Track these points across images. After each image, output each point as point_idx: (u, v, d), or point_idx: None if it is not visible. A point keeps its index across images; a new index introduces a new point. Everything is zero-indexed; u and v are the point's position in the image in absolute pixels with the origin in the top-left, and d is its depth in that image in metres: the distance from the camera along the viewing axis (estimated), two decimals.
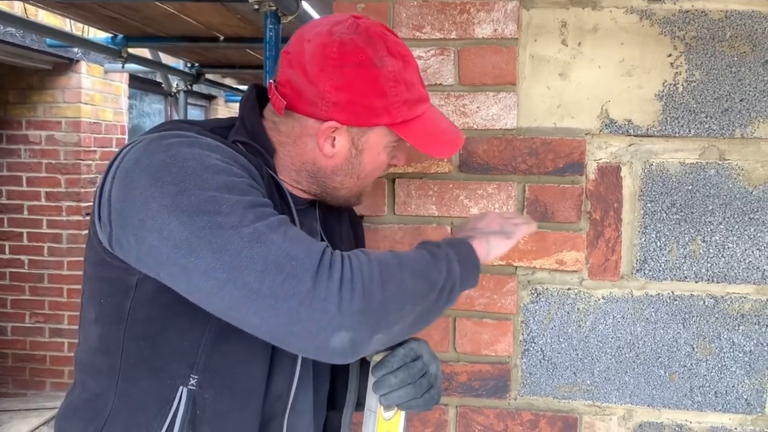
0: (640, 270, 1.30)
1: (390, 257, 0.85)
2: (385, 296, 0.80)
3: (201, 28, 3.47)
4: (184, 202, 0.78)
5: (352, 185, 1.02)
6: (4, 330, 4.67)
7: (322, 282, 0.76)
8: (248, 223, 0.77)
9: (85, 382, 0.95)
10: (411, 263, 0.86)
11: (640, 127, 1.29)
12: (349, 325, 0.77)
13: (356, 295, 0.77)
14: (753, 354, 1.27)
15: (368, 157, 0.99)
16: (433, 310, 0.89)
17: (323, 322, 0.76)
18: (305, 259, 0.77)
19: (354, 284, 0.77)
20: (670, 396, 1.30)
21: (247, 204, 0.79)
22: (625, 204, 1.29)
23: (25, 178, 4.62)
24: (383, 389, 0.94)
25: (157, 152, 0.82)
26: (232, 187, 0.80)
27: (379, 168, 1.03)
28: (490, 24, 1.30)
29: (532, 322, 1.33)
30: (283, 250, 0.77)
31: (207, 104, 7.41)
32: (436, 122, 1.01)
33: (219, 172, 0.81)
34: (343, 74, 0.91)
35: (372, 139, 0.97)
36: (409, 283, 0.83)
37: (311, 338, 0.76)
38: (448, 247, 0.93)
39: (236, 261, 0.76)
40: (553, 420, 1.32)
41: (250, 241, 0.76)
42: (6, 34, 3.86)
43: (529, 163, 1.31)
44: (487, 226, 1.05)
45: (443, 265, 0.89)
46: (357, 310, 0.77)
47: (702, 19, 1.26)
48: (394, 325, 0.82)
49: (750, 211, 1.26)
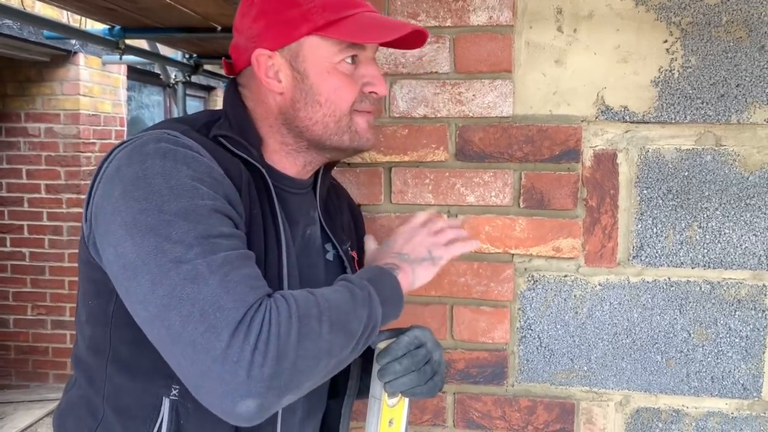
0: (636, 256, 1.30)
1: (312, 305, 0.81)
2: (299, 356, 0.77)
3: (198, 18, 3.46)
4: (142, 221, 0.78)
5: (323, 117, 0.95)
6: (6, 322, 4.69)
7: (237, 342, 0.74)
8: (190, 258, 0.76)
9: (79, 378, 0.96)
10: (331, 313, 0.82)
11: (636, 113, 1.28)
12: (257, 392, 0.75)
13: (268, 359, 0.75)
14: (749, 339, 1.28)
15: (317, 78, 0.94)
16: (349, 358, 0.87)
17: (231, 386, 0.74)
18: (230, 311, 0.75)
19: (268, 347, 0.75)
20: (667, 381, 1.30)
21: (199, 234, 0.78)
22: (622, 191, 1.30)
23: (25, 170, 4.62)
24: (388, 376, 0.95)
25: (135, 162, 0.82)
26: (191, 212, 0.79)
27: (342, 90, 0.95)
28: (485, 11, 1.30)
29: (529, 309, 1.33)
30: (213, 297, 0.75)
31: (206, 95, 7.40)
32: (375, 19, 0.94)
33: (182, 194, 0.80)
34: (254, 5, 0.95)
35: (309, 56, 0.93)
36: (327, 339, 0.81)
37: (218, 400, 0.75)
38: (372, 285, 0.90)
39: (167, 298, 0.75)
40: (551, 406, 1.33)
41: (185, 279, 0.75)
42: (3, 27, 3.84)
43: (525, 151, 1.31)
44: (414, 251, 1.00)
45: (365, 311, 0.86)
46: (267, 375, 0.75)
47: (698, 5, 1.26)
48: (305, 383, 0.80)
49: (746, 196, 1.26)
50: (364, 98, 0.97)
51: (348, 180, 1.35)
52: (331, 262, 1.08)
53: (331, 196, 1.13)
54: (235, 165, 0.90)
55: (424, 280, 1.00)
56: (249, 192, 0.91)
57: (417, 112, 1.33)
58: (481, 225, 1.33)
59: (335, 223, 1.10)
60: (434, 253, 1.01)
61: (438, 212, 1.09)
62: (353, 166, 1.36)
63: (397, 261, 0.99)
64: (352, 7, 0.94)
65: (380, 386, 0.97)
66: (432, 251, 1.01)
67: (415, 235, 1.03)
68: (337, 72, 0.94)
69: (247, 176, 0.92)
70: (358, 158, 1.35)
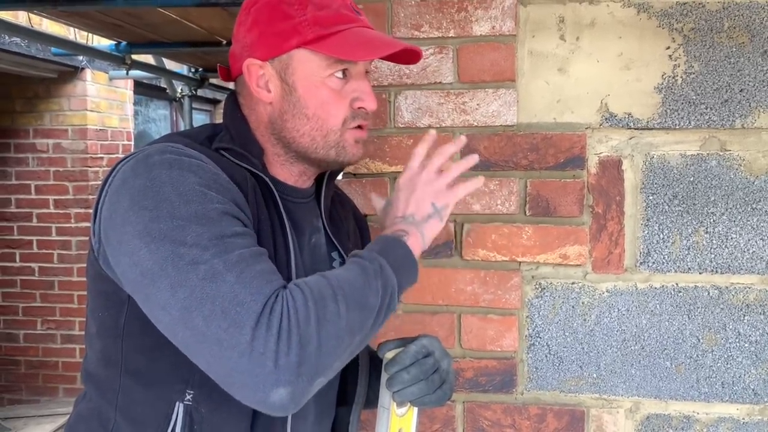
0: (643, 262, 1.30)
1: (325, 287, 0.82)
2: (322, 338, 0.79)
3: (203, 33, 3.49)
4: (155, 229, 0.79)
5: (310, 130, 0.96)
6: (16, 337, 4.71)
7: (261, 334, 0.76)
8: (207, 259, 0.77)
9: (90, 392, 0.97)
10: (346, 291, 0.83)
11: (640, 120, 1.29)
12: (287, 380, 0.76)
13: (293, 347, 0.76)
14: (759, 344, 1.27)
15: (305, 91, 0.94)
16: (372, 331, 0.87)
17: (261, 377, 0.76)
18: (250, 305, 0.77)
19: (291, 335, 0.76)
20: (677, 387, 1.30)
21: (213, 235, 0.79)
22: (627, 197, 1.30)
23: (34, 186, 4.65)
24: (396, 386, 0.95)
25: (141, 174, 0.83)
26: (202, 216, 0.80)
27: (329, 105, 0.95)
28: (488, 21, 1.31)
29: (537, 317, 1.33)
30: (232, 293, 0.77)
31: (212, 108, 7.44)
32: (366, 35, 0.94)
33: (192, 199, 0.81)
34: (250, 15, 0.96)
35: (298, 69, 0.94)
36: (346, 316, 0.81)
37: (251, 392, 0.77)
38: (382, 256, 0.90)
39: (188, 300, 0.76)
40: (561, 414, 1.33)
41: (203, 279, 0.77)
42: (11, 44, 3.89)
43: (530, 159, 1.31)
44: (418, 209, 0.97)
45: (379, 283, 0.86)
46: (294, 363, 0.76)
47: (700, 11, 1.27)
48: (334, 363, 0.81)
49: (752, 201, 1.26)
50: (355, 115, 0.97)
51: (354, 190, 1.36)
52: None
53: (336, 205, 1.14)
54: (240, 172, 0.92)
55: (434, 235, 0.98)
56: (255, 198, 0.92)
57: (422, 122, 1.34)
58: (487, 233, 1.33)
59: (340, 231, 1.11)
60: (438, 204, 0.97)
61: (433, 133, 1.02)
62: (359, 177, 1.37)
63: (403, 225, 0.96)
64: (344, 22, 0.94)
65: (389, 395, 0.97)
66: (436, 203, 0.97)
67: (416, 187, 0.98)
68: (325, 87, 0.95)
69: (253, 182, 0.93)
70: (364, 168, 1.36)
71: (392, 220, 0.98)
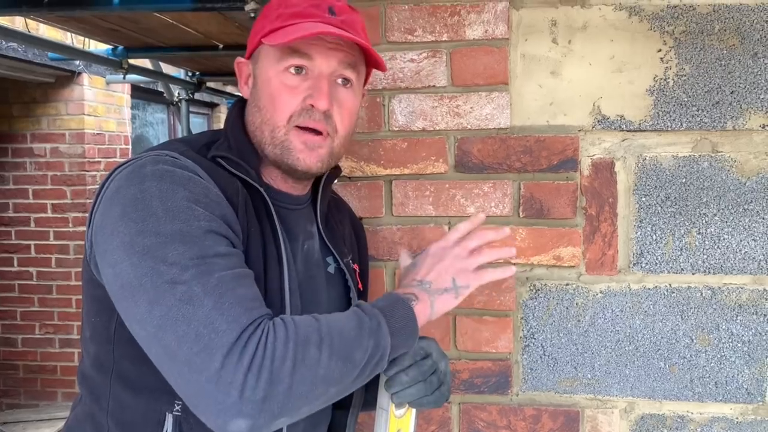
0: (637, 263, 1.31)
1: (313, 331, 0.81)
2: (295, 381, 0.78)
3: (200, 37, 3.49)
4: (139, 243, 0.80)
5: (261, 123, 0.96)
6: (14, 342, 4.70)
7: (231, 364, 0.76)
8: (186, 280, 0.78)
9: (84, 395, 0.98)
10: (333, 340, 0.82)
11: (632, 122, 1.30)
12: (249, 413, 0.76)
13: (261, 382, 0.76)
14: (751, 344, 1.28)
15: (261, 84, 0.96)
16: (353, 386, 0.86)
17: (224, 406, 0.76)
18: (225, 333, 0.76)
19: (262, 370, 0.76)
20: (671, 387, 1.31)
21: (194, 255, 0.79)
22: (620, 199, 1.31)
23: (32, 190, 4.65)
24: (395, 387, 0.96)
25: (133, 184, 0.84)
26: (186, 233, 0.80)
27: (277, 98, 0.93)
28: (480, 25, 1.32)
29: (532, 318, 1.34)
30: (208, 319, 0.77)
31: (209, 112, 7.45)
32: (315, 27, 0.91)
33: (178, 216, 0.81)
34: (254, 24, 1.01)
35: (260, 62, 0.97)
36: (327, 365, 0.81)
37: (212, 417, 0.77)
38: (383, 314, 0.88)
39: (164, 319, 0.77)
40: (555, 414, 1.33)
41: (180, 300, 0.77)
42: (8, 49, 3.90)
43: (524, 161, 1.32)
44: (437, 279, 0.96)
45: (371, 341, 0.85)
46: (259, 398, 0.76)
47: (690, 14, 1.28)
48: (302, 408, 0.81)
49: (744, 202, 1.27)
50: (304, 113, 0.93)
51: (349, 193, 1.37)
52: (332, 275, 1.09)
53: (332, 210, 1.14)
54: (233, 184, 0.92)
55: (444, 311, 0.96)
56: (246, 210, 0.92)
57: (416, 126, 1.35)
58: None
59: (336, 236, 1.11)
60: (459, 282, 0.96)
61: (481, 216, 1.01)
62: (354, 180, 1.38)
63: (416, 290, 0.95)
64: (303, 16, 0.93)
65: (387, 397, 0.98)
66: (457, 280, 0.96)
67: (444, 257, 0.98)
68: (276, 79, 0.94)
69: (245, 195, 0.93)
70: (359, 172, 1.37)
71: (409, 281, 0.98)
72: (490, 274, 0.99)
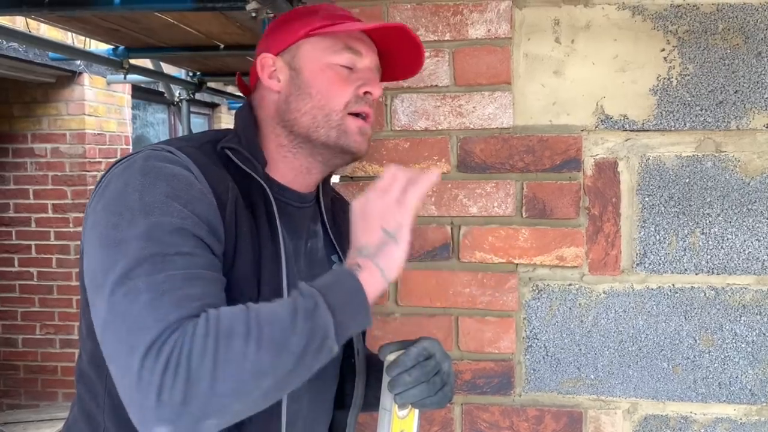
0: (640, 264, 1.30)
1: (238, 323, 0.76)
2: (217, 378, 0.72)
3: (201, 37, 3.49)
4: (111, 236, 0.80)
5: (311, 108, 0.97)
6: (15, 342, 4.70)
7: (149, 364, 0.72)
8: (136, 275, 0.76)
9: (81, 393, 0.97)
10: (263, 330, 0.76)
11: (635, 121, 1.30)
12: (167, 417, 0.71)
13: (178, 382, 0.71)
14: (755, 344, 1.28)
15: (310, 74, 0.98)
16: (297, 375, 0.80)
17: (144, 410, 0.72)
18: (149, 330, 0.73)
19: (179, 369, 0.71)
20: (674, 388, 1.30)
21: (154, 252, 0.78)
22: (623, 199, 1.30)
23: (32, 190, 4.65)
24: (398, 388, 0.95)
25: (121, 178, 0.85)
26: (154, 228, 0.79)
27: (334, 85, 0.96)
28: (483, 24, 1.31)
29: (535, 319, 1.34)
30: (140, 317, 0.74)
31: (210, 112, 7.45)
32: (366, 24, 1.00)
33: (152, 210, 0.81)
34: (267, 30, 1.05)
35: (305, 55, 0.99)
36: (255, 357, 0.74)
37: (138, 423, 0.74)
38: (322, 293, 0.81)
39: (109, 315, 0.76)
40: (558, 415, 1.33)
41: (125, 295, 0.76)
42: (9, 49, 3.89)
43: (527, 161, 1.32)
44: (370, 239, 0.87)
45: (307, 324, 0.78)
46: (177, 400, 0.71)
47: (694, 13, 1.27)
48: (233, 406, 0.75)
49: (748, 202, 1.27)
50: (359, 100, 0.98)
51: (351, 193, 1.37)
52: None
53: (336, 209, 1.14)
54: (224, 182, 0.91)
55: (396, 267, 0.86)
56: (237, 209, 0.91)
57: (418, 125, 1.35)
58: (484, 236, 1.33)
59: (342, 234, 1.11)
60: (390, 228, 0.86)
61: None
62: (356, 180, 1.37)
63: (358, 259, 0.86)
64: (349, 19, 1.00)
65: (390, 398, 0.98)
66: (387, 227, 0.86)
67: (366, 215, 0.88)
68: (330, 69, 0.98)
69: (236, 193, 0.92)
70: (361, 171, 1.36)
71: (351, 254, 0.89)
72: (412, 194, 0.87)
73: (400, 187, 0.88)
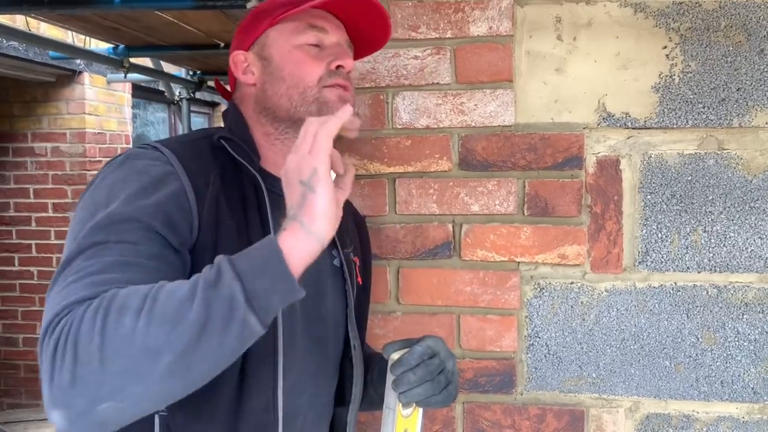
0: (642, 262, 1.30)
1: (134, 298, 0.71)
2: (105, 356, 0.68)
3: (201, 35, 3.48)
4: (77, 229, 0.82)
5: (286, 90, 0.99)
6: (15, 341, 4.70)
7: (44, 347, 0.70)
8: (74, 264, 0.77)
9: None
10: (158, 303, 0.71)
11: (637, 119, 1.29)
12: (61, 401, 0.68)
13: (66, 363, 0.67)
14: (758, 342, 1.27)
15: (280, 58, 1.00)
16: (204, 352, 0.71)
17: (45, 395, 0.69)
18: (51, 311, 0.73)
19: (66, 350, 0.68)
20: (677, 387, 1.30)
21: (99, 239, 0.78)
22: (625, 196, 1.30)
23: (32, 190, 4.65)
24: (403, 386, 0.94)
25: (100, 176, 0.89)
26: (108, 217, 0.80)
27: (304, 63, 0.97)
28: (485, 22, 1.31)
29: (536, 317, 1.33)
30: (55, 299, 0.74)
31: (210, 111, 7.44)
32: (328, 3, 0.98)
33: (112, 202, 0.83)
34: (239, 26, 1.05)
35: (273, 43, 1.01)
36: (145, 332, 0.69)
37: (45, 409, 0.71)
38: (229, 260, 0.74)
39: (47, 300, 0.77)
40: (560, 414, 1.33)
41: (56, 282, 0.77)
42: (9, 48, 3.89)
43: (528, 159, 1.31)
44: (292, 195, 0.79)
45: (206, 294, 0.71)
46: (67, 382, 0.67)
47: (696, 10, 1.27)
48: (130, 387, 0.69)
49: (750, 199, 1.27)
50: (332, 74, 0.98)
51: (352, 191, 1.36)
52: (337, 268, 1.08)
53: None
54: (204, 176, 0.91)
55: (318, 215, 0.77)
56: (217, 202, 0.91)
57: (420, 123, 1.34)
58: (486, 234, 1.33)
59: (340, 229, 1.11)
60: (304, 178, 0.78)
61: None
62: (357, 178, 1.37)
63: (285, 223, 0.79)
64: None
65: (395, 396, 0.97)
66: (302, 177, 0.78)
67: (288, 175, 0.81)
68: (298, 50, 0.99)
69: (217, 187, 0.92)
70: (362, 170, 1.36)
71: None
72: (323, 132, 0.79)
73: (311, 136, 0.80)
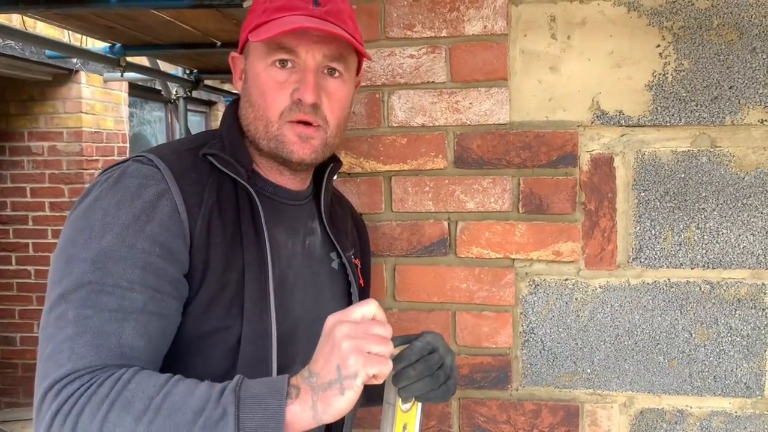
0: (636, 258, 1.31)
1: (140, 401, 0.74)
2: None
3: (198, 34, 3.49)
4: (68, 251, 0.83)
5: (254, 119, 0.96)
6: (12, 340, 4.70)
7: (48, 400, 0.75)
8: (69, 300, 0.79)
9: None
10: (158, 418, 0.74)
11: (631, 117, 1.30)
12: None
13: (65, 430, 0.73)
14: (750, 338, 1.29)
15: (251, 79, 0.96)
16: None
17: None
18: (59, 367, 0.76)
19: (68, 418, 0.74)
20: (670, 382, 1.31)
21: (93, 279, 0.80)
22: (619, 194, 1.31)
23: (29, 189, 4.65)
24: (402, 381, 0.95)
25: (94, 193, 0.87)
26: (103, 253, 0.81)
27: (267, 94, 0.93)
28: (479, 21, 1.32)
29: (531, 313, 1.34)
30: (59, 349, 0.77)
31: (207, 110, 7.44)
32: (297, 20, 0.90)
33: (108, 232, 0.82)
34: None
35: (249, 58, 0.97)
36: None
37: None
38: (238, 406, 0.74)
39: (42, 331, 0.80)
40: (555, 409, 1.34)
41: (55, 319, 0.79)
42: (5, 47, 3.89)
43: (523, 157, 1.32)
44: (324, 369, 0.77)
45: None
46: None
47: (689, 9, 1.28)
48: None
49: (743, 196, 1.28)
50: (293, 107, 0.93)
51: (349, 190, 1.37)
52: (336, 271, 1.09)
53: (334, 206, 1.15)
54: (198, 194, 0.90)
55: (332, 413, 0.76)
56: (210, 219, 0.90)
57: (415, 121, 1.35)
58: (481, 231, 1.34)
59: (339, 231, 1.11)
60: (344, 372, 0.76)
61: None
62: (353, 176, 1.38)
63: (303, 383, 0.78)
64: (287, 9, 0.92)
65: (394, 391, 0.98)
66: (342, 369, 0.76)
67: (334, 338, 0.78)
68: (264, 75, 0.94)
69: (210, 204, 0.91)
70: (358, 168, 1.37)
71: (302, 371, 0.80)
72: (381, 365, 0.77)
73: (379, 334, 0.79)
